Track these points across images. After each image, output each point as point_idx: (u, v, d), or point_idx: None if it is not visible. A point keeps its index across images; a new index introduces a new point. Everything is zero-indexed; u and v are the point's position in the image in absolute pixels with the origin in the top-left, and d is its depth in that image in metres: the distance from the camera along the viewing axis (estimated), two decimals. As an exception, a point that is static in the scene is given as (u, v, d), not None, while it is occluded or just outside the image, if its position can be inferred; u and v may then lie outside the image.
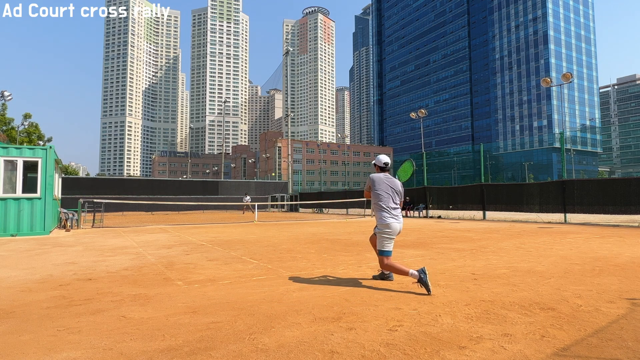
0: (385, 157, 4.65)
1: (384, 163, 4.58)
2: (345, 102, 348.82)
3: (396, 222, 4.33)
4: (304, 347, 2.48)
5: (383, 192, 4.38)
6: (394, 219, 4.32)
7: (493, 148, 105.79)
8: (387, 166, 4.58)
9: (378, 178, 4.46)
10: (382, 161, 4.58)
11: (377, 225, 4.37)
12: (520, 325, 2.88)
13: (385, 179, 4.46)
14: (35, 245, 8.75)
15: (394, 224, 4.30)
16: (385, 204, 4.34)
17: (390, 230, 4.29)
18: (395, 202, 4.42)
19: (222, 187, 38.50)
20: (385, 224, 4.28)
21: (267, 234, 11.36)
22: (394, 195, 4.42)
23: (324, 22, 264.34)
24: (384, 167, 4.58)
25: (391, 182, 4.47)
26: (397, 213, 4.39)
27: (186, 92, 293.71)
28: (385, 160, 4.61)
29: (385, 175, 4.52)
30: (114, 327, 2.92)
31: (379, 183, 4.42)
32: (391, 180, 4.50)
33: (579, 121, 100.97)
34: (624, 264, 5.41)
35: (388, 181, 4.46)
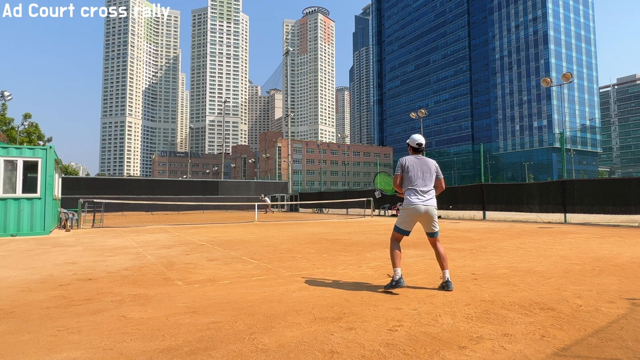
0: (420, 137, 4.31)
1: (417, 143, 4.25)
2: (345, 102, 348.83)
3: (421, 203, 4.02)
4: (304, 347, 2.48)
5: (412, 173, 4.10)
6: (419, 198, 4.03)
7: (493, 148, 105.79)
8: (420, 147, 4.27)
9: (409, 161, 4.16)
10: (416, 141, 4.26)
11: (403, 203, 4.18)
12: (520, 325, 2.88)
13: (417, 160, 4.18)
14: (35, 245, 8.75)
15: (419, 204, 4.01)
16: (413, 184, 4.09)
17: (410, 208, 4.03)
18: (426, 183, 4.11)
19: (222, 187, 38.50)
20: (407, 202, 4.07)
21: (267, 234, 11.36)
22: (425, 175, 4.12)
23: (324, 22, 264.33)
24: (417, 148, 4.26)
25: (423, 162, 4.18)
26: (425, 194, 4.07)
27: (186, 92, 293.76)
28: (419, 140, 4.27)
29: (417, 157, 4.22)
30: (114, 327, 2.92)
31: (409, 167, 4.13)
32: (423, 160, 4.20)
33: (579, 121, 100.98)
34: (624, 264, 5.41)
35: (420, 162, 4.17)
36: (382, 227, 13.30)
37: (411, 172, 4.12)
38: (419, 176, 4.10)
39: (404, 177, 4.16)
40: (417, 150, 4.28)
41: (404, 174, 4.16)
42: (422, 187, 4.08)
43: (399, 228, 4.13)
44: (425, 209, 4.03)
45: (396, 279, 3.90)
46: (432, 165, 4.19)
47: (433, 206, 4.08)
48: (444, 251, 4.14)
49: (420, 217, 4.07)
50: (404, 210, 4.11)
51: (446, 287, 3.98)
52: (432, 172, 4.16)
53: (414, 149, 4.28)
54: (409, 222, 4.10)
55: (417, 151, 4.29)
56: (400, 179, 4.19)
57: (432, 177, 4.16)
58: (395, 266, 3.97)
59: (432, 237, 4.17)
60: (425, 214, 4.05)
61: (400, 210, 4.18)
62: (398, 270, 3.94)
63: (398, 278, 3.90)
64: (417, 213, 4.03)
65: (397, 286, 3.88)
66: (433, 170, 4.18)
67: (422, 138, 4.32)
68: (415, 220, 4.10)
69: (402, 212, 4.13)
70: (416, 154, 4.26)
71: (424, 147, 4.30)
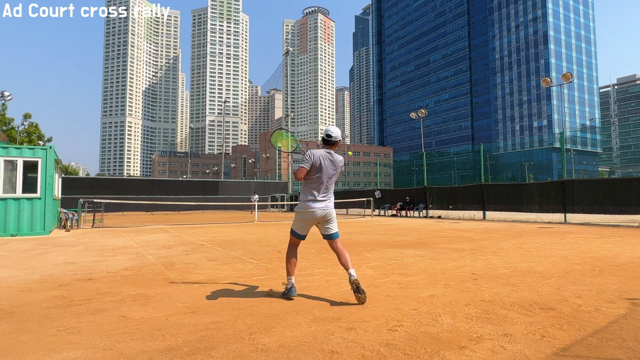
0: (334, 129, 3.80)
1: (326, 134, 3.78)
2: (345, 102, 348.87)
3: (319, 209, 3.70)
4: (304, 347, 2.48)
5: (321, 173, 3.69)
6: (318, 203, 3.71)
7: (493, 148, 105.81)
8: (330, 139, 3.76)
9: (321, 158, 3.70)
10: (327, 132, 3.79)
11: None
12: (520, 325, 2.88)
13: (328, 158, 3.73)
14: (35, 245, 8.75)
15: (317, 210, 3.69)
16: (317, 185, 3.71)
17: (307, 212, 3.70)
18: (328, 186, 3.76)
19: (222, 187, 38.50)
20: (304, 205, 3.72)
21: (267, 234, 11.36)
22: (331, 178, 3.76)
23: (324, 22, 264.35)
24: (328, 140, 3.78)
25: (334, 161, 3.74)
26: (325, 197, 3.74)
27: (186, 92, 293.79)
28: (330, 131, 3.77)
29: (328, 152, 3.76)
30: (114, 327, 2.92)
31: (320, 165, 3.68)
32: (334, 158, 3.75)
33: (579, 121, 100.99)
34: (624, 264, 5.41)
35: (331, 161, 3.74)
36: (382, 227, 13.30)
37: (320, 171, 3.69)
38: (324, 178, 3.70)
39: (308, 174, 3.70)
40: (328, 143, 3.78)
41: (311, 170, 3.69)
42: (324, 190, 3.73)
43: (297, 233, 3.82)
44: (322, 214, 3.72)
45: (288, 287, 3.74)
46: (339, 164, 3.79)
47: (331, 208, 3.80)
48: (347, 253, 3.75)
49: (317, 221, 3.77)
50: (300, 213, 3.75)
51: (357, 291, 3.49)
52: (337, 169, 3.78)
53: (325, 141, 3.79)
54: (304, 227, 3.80)
55: (328, 144, 3.78)
56: (306, 173, 3.70)
57: (335, 175, 3.80)
58: (289, 274, 3.78)
59: (331, 239, 3.79)
60: (323, 217, 3.75)
61: (296, 213, 3.81)
62: (291, 278, 3.77)
63: (290, 286, 3.73)
64: (314, 218, 3.72)
65: (287, 295, 3.69)
66: (339, 171, 3.82)
67: (337, 130, 3.80)
68: (312, 224, 3.80)
69: (298, 215, 3.78)
70: (327, 148, 3.77)
71: (335, 141, 3.77)
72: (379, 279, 4.62)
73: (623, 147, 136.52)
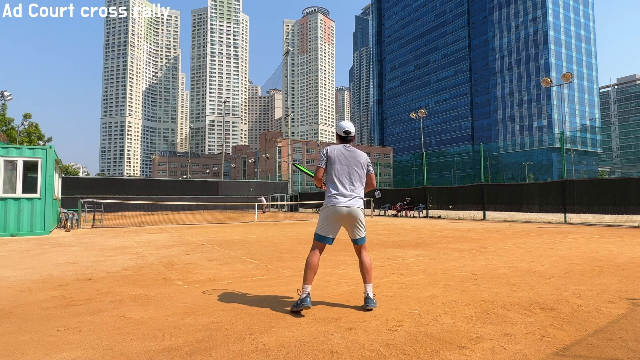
0: (348, 124, 3.67)
1: (344, 131, 3.64)
2: (345, 102, 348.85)
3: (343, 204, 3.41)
4: (304, 347, 2.48)
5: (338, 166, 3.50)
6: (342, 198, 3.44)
7: (493, 148, 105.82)
8: (348, 135, 3.64)
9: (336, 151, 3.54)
10: (343, 128, 3.64)
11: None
12: (520, 325, 2.88)
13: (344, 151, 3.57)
14: (35, 245, 8.75)
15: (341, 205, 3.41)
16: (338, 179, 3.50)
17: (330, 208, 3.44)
18: (353, 180, 3.51)
19: (222, 187, 38.50)
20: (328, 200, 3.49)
21: (267, 234, 11.36)
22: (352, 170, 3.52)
23: (324, 22, 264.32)
24: (345, 137, 3.65)
25: (352, 154, 3.57)
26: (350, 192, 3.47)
27: (186, 92, 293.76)
28: (346, 127, 3.64)
29: (345, 147, 3.60)
30: (114, 327, 2.92)
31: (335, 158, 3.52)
32: (352, 152, 3.59)
33: (579, 121, 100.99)
34: (624, 264, 5.41)
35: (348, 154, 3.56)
36: (382, 227, 13.31)
37: (336, 164, 3.50)
38: (344, 170, 3.50)
39: (328, 170, 3.55)
40: (345, 139, 3.66)
41: (327, 166, 3.54)
42: (347, 184, 3.48)
43: (319, 235, 3.46)
44: (347, 211, 3.42)
45: (302, 297, 3.26)
46: (363, 159, 3.59)
47: (358, 207, 3.48)
48: (369, 262, 3.53)
49: (343, 220, 3.46)
50: (323, 211, 3.49)
51: (366, 304, 3.33)
52: (361, 166, 3.57)
53: (341, 138, 3.67)
54: (330, 227, 3.45)
55: (345, 140, 3.66)
56: (323, 171, 3.56)
57: (361, 173, 3.57)
58: (306, 282, 3.32)
59: (356, 244, 3.55)
60: (349, 215, 3.44)
61: (320, 212, 3.56)
62: (308, 287, 3.30)
63: (304, 296, 3.25)
64: (339, 215, 3.42)
65: (301, 306, 3.22)
66: (363, 165, 3.58)
67: (351, 125, 3.69)
68: (338, 223, 3.47)
69: (322, 213, 3.50)
70: (344, 144, 3.64)
71: (353, 135, 3.67)
72: (379, 279, 4.62)
73: (623, 147, 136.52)
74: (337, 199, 3.43)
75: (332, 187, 3.49)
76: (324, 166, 3.54)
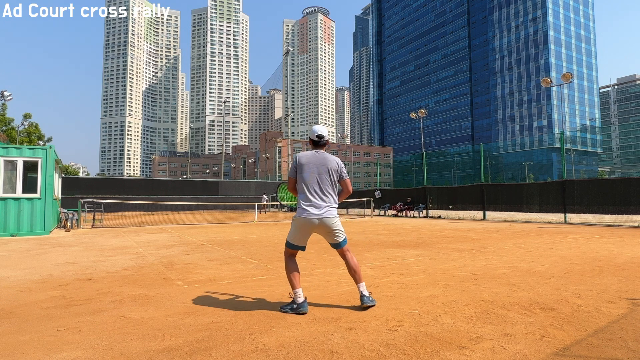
0: (320, 128, 3.49)
1: (316, 135, 3.47)
2: (345, 102, 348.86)
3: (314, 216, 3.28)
4: (304, 347, 2.48)
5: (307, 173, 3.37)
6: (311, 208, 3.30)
7: (493, 148, 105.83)
8: (321, 140, 3.49)
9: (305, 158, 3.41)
10: (315, 132, 3.47)
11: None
12: (520, 325, 2.88)
13: (314, 157, 3.41)
14: (35, 245, 8.74)
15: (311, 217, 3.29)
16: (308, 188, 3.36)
17: (300, 219, 3.33)
18: (323, 187, 3.35)
19: (222, 187, 38.49)
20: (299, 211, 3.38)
21: (267, 234, 11.36)
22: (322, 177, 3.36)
23: (324, 22, 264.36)
24: (317, 141, 3.50)
25: (321, 159, 3.40)
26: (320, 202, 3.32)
27: (186, 92, 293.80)
28: (318, 131, 3.48)
29: (316, 152, 3.45)
30: (114, 327, 2.92)
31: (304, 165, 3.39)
32: (322, 157, 3.42)
33: (579, 121, 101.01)
34: (624, 264, 5.41)
35: (317, 159, 3.40)
36: (382, 227, 13.31)
37: (305, 172, 3.36)
38: (314, 178, 3.35)
39: (298, 179, 3.43)
40: (317, 144, 3.50)
41: (297, 175, 3.42)
42: (317, 192, 3.34)
43: (290, 243, 3.42)
44: (319, 222, 3.30)
45: (298, 302, 3.23)
46: (333, 163, 3.41)
47: (331, 217, 3.33)
48: (355, 263, 3.42)
49: (316, 230, 3.37)
50: (294, 221, 3.40)
51: (362, 302, 3.30)
52: (332, 171, 3.40)
53: (314, 142, 3.51)
54: (301, 236, 3.38)
55: (317, 145, 3.50)
56: (294, 181, 3.47)
57: (332, 179, 3.39)
58: (295, 287, 3.29)
59: (337, 248, 3.44)
60: (321, 226, 3.33)
61: (292, 221, 3.47)
62: (299, 291, 3.27)
63: (301, 301, 3.24)
64: (310, 225, 3.31)
65: (298, 310, 3.20)
66: (334, 169, 3.41)
67: (324, 129, 3.52)
68: (309, 233, 3.39)
69: (293, 223, 3.43)
70: (316, 149, 3.49)
71: (326, 140, 3.53)
72: (379, 279, 4.62)
73: (623, 147, 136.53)
74: (307, 210, 3.30)
75: (301, 198, 3.37)
76: (294, 176, 3.45)
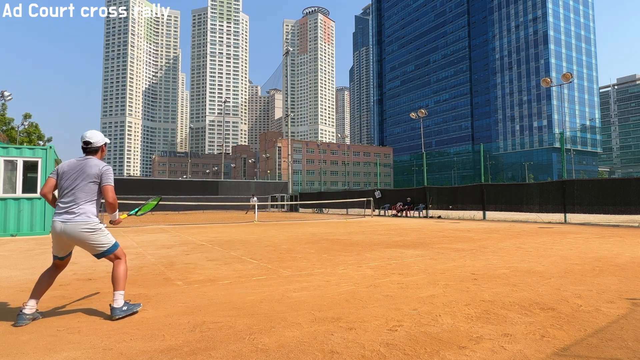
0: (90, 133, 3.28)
1: (83, 141, 3.25)
2: (345, 102, 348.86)
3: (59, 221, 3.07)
4: (304, 347, 2.48)
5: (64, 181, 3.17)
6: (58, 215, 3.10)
7: (493, 148, 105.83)
8: (88, 146, 3.27)
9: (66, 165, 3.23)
10: (83, 138, 3.26)
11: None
12: (520, 325, 2.87)
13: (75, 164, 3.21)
14: (35, 245, 8.74)
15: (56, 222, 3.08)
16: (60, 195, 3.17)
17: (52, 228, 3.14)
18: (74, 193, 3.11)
19: (222, 187, 38.49)
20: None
21: (267, 234, 11.36)
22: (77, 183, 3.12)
23: (324, 22, 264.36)
24: (85, 148, 3.28)
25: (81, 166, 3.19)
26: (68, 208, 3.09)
27: (186, 92, 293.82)
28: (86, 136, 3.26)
29: (79, 159, 3.25)
30: (114, 327, 2.92)
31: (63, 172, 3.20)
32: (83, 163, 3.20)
33: (579, 121, 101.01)
34: (624, 264, 5.41)
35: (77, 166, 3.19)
36: (382, 227, 13.31)
37: (63, 179, 3.16)
38: (68, 185, 3.14)
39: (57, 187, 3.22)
40: (84, 151, 3.29)
41: (57, 181, 3.21)
42: (67, 199, 3.11)
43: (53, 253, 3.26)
44: (61, 229, 3.05)
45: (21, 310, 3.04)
46: (93, 169, 3.16)
47: (77, 223, 3.06)
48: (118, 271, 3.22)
49: (64, 239, 3.11)
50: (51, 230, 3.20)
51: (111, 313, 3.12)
52: (88, 177, 3.13)
53: (82, 149, 3.30)
54: (55, 246, 3.19)
55: (84, 151, 3.29)
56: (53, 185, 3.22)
57: (87, 185, 3.13)
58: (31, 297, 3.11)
59: (98, 257, 3.25)
60: (64, 234, 3.07)
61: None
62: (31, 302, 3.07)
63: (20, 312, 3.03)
64: (55, 234, 3.10)
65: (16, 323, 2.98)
66: (91, 175, 3.14)
67: (94, 134, 3.29)
68: (61, 242, 3.15)
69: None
70: (83, 156, 3.30)
71: (96, 146, 3.30)
72: (379, 279, 4.62)
73: (623, 147, 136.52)
74: (56, 217, 3.11)
75: (58, 204, 3.18)
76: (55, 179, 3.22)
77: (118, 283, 3.20)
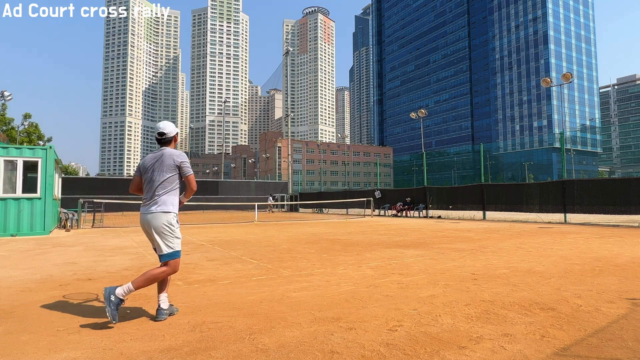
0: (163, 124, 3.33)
1: (158, 133, 3.30)
2: (345, 102, 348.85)
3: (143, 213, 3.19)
4: (304, 347, 2.48)
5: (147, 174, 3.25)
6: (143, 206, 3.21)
7: (493, 148, 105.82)
8: (163, 137, 3.30)
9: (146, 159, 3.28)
10: (157, 130, 3.31)
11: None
12: (520, 325, 2.87)
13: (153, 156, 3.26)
14: (35, 245, 8.74)
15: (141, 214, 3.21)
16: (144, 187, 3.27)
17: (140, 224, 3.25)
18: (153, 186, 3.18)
19: (222, 187, 38.49)
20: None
21: (267, 234, 11.36)
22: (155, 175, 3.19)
23: (324, 22, 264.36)
24: (160, 139, 3.31)
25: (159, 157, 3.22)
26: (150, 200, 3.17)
27: (186, 92, 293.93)
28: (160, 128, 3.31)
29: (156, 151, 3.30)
30: (113, 327, 2.92)
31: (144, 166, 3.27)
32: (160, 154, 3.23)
33: (579, 121, 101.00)
34: (624, 264, 5.41)
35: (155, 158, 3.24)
36: (382, 227, 13.30)
37: (146, 173, 3.24)
38: (148, 178, 3.21)
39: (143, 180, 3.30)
40: (159, 142, 3.33)
41: (142, 175, 3.29)
42: (149, 191, 3.19)
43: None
44: (145, 220, 3.15)
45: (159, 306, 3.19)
46: (169, 159, 3.19)
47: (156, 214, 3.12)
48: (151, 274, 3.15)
49: (148, 231, 3.18)
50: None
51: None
52: (166, 169, 3.18)
53: (157, 140, 3.34)
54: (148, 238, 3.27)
55: (159, 143, 3.33)
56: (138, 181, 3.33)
57: (164, 176, 3.18)
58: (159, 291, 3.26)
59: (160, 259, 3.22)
60: (146, 225, 3.16)
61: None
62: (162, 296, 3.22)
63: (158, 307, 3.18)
64: (142, 226, 3.22)
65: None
66: (169, 167, 3.18)
67: (167, 125, 3.33)
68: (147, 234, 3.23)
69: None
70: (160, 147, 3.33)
71: (168, 137, 3.31)
72: (379, 279, 4.62)
73: (623, 147, 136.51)
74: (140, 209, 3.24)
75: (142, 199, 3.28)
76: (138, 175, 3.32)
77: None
